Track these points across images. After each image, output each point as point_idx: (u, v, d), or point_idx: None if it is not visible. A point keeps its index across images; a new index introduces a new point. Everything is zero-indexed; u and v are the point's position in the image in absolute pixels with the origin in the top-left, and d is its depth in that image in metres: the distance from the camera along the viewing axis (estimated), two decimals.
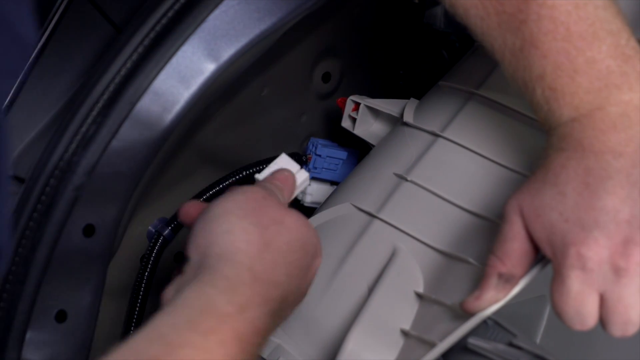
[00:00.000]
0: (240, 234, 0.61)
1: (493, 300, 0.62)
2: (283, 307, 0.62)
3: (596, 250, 0.57)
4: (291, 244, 0.64)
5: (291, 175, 0.70)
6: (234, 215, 0.62)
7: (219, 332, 0.55)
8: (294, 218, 0.65)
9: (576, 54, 0.60)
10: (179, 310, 0.56)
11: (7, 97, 0.42)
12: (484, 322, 0.64)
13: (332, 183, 0.95)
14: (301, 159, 0.91)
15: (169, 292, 0.61)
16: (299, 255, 0.64)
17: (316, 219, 0.78)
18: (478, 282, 0.63)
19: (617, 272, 0.57)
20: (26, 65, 0.43)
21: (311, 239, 0.65)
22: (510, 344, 0.63)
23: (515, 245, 0.61)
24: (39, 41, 0.72)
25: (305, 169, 0.86)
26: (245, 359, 0.57)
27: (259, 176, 0.70)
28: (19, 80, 0.43)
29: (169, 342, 0.54)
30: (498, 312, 0.64)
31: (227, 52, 0.74)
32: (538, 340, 0.77)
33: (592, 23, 0.61)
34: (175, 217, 0.93)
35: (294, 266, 0.63)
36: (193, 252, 0.61)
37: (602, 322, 0.59)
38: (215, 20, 0.73)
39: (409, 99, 0.84)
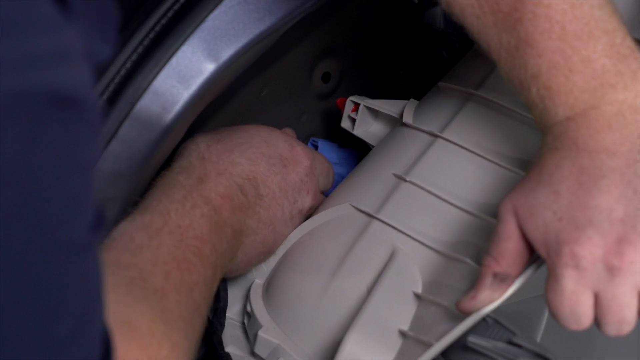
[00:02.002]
0: (199, 138, 0.76)
1: (488, 300, 0.62)
2: (254, 184, 0.74)
3: (590, 249, 0.57)
4: (252, 137, 0.77)
5: None
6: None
7: (189, 198, 0.70)
8: (259, 126, 0.80)
9: (571, 52, 0.61)
10: (155, 192, 0.71)
11: (115, 44, 0.44)
12: (484, 321, 0.64)
13: None
14: None
15: None
16: (261, 145, 0.77)
17: (315, 220, 0.78)
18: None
19: (611, 270, 0.57)
20: (117, 11, 0.46)
21: (280, 142, 0.78)
22: (510, 342, 0.63)
23: (509, 245, 0.61)
24: None
25: None
26: (219, 220, 0.70)
27: None
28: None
29: (155, 210, 0.68)
30: (498, 311, 0.64)
31: (227, 52, 0.74)
32: (538, 340, 0.77)
33: (587, 22, 0.61)
34: None
35: (255, 153, 0.76)
36: None
37: (597, 321, 0.59)
38: (214, 20, 0.73)
39: (408, 99, 0.84)
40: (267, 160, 0.76)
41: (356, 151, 0.94)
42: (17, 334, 0.39)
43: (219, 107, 0.90)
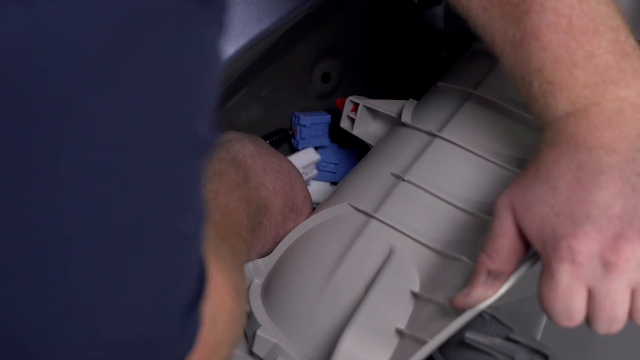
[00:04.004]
0: (244, 141, 0.78)
1: (482, 297, 0.61)
2: (263, 212, 0.77)
3: (586, 244, 0.57)
4: (286, 170, 0.80)
5: None
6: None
7: (236, 191, 0.72)
8: (288, 160, 0.83)
9: (576, 47, 0.60)
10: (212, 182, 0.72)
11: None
12: (481, 317, 0.64)
13: (332, 183, 0.95)
14: (287, 133, 0.91)
15: None
16: (288, 183, 0.79)
17: (314, 219, 0.78)
18: None
19: (607, 266, 0.57)
20: None
21: (301, 191, 0.81)
22: (507, 338, 0.63)
23: (504, 242, 0.61)
24: None
25: (294, 142, 0.91)
26: (250, 223, 0.72)
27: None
28: None
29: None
30: (497, 309, 0.63)
31: (227, 52, 0.74)
32: (538, 338, 0.77)
33: (593, 17, 0.61)
34: None
35: (281, 187, 0.79)
36: None
37: (588, 318, 0.59)
38: None
39: (408, 99, 0.84)
40: (283, 200, 0.79)
41: (356, 151, 0.94)
42: (153, 226, 0.40)
43: (219, 107, 0.90)
